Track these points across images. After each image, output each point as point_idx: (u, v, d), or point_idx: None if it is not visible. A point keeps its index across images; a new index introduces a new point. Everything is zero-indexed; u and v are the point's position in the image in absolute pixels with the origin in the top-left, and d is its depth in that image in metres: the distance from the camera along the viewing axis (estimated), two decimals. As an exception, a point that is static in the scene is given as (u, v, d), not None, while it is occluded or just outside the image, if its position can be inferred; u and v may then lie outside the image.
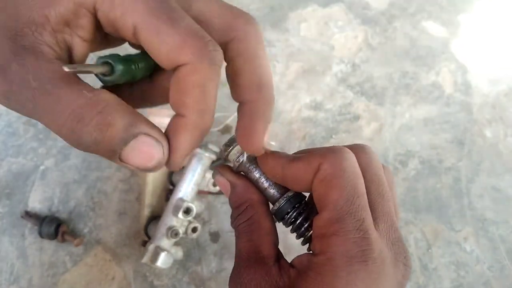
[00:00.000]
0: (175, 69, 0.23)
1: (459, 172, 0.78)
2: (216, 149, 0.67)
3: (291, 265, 0.28)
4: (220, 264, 0.71)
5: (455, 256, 0.72)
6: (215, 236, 0.72)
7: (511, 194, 0.77)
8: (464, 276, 0.71)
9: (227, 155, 0.31)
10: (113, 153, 0.22)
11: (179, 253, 0.67)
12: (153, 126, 0.24)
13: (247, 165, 0.31)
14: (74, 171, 0.76)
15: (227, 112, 0.78)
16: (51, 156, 0.77)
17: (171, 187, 0.70)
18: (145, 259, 0.63)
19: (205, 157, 0.66)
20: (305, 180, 0.27)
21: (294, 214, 0.29)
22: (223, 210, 0.74)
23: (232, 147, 0.31)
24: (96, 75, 0.25)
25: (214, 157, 0.67)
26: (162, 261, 0.63)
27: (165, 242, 0.64)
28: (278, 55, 0.87)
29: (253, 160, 0.31)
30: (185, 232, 0.65)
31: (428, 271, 0.71)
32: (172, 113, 0.28)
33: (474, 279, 0.70)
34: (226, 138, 0.65)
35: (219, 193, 0.73)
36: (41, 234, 0.68)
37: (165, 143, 0.24)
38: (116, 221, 0.73)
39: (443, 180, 0.77)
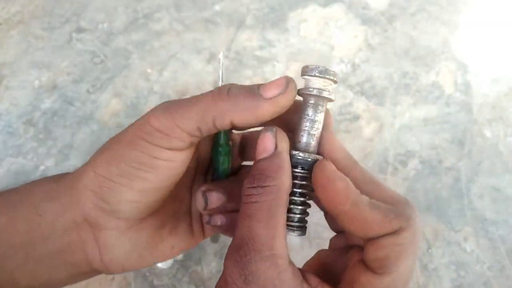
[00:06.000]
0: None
1: (459, 172, 0.78)
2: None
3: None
4: (220, 264, 0.71)
5: (455, 256, 0.72)
6: (215, 236, 0.72)
7: (511, 194, 0.77)
8: (464, 276, 0.71)
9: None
10: None
11: (179, 253, 0.67)
12: None
13: (313, 101, 0.30)
14: (74, 171, 0.76)
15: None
16: (51, 156, 0.77)
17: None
18: (145, 259, 0.63)
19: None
20: (368, 230, 0.26)
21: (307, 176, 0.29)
22: (223, 210, 0.74)
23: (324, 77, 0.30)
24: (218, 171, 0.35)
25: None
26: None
27: (165, 242, 0.64)
28: (278, 55, 0.87)
29: (322, 103, 0.30)
30: (185, 232, 0.65)
31: (428, 271, 0.71)
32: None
33: (474, 279, 0.70)
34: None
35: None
36: (41, 234, 0.68)
37: None
38: (116, 221, 0.73)
39: (443, 180, 0.77)
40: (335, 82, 0.31)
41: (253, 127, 0.31)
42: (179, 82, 0.84)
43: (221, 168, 0.35)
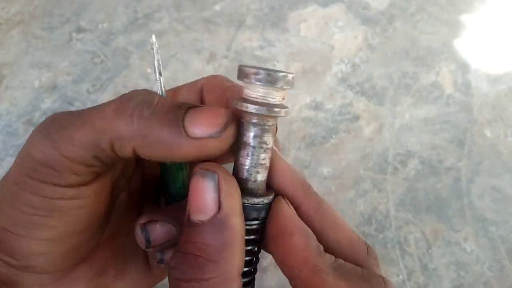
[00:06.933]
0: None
1: (459, 172, 0.78)
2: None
3: None
4: (220, 264, 0.71)
5: (455, 256, 0.72)
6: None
7: (511, 194, 0.77)
8: (464, 276, 0.71)
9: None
10: None
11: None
12: None
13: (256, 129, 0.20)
14: (74, 171, 0.76)
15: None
16: (51, 156, 0.77)
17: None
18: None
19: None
20: None
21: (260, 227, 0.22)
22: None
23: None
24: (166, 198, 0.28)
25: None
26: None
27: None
28: (278, 55, 0.87)
29: (268, 132, 0.20)
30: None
31: (428, 271, 0.71)
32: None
33: (474, 279, 0.70)
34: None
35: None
36: (41, 234, 0.68)
37: None
38: (116, 221, 0.73)
39: (443, 180, 0.77)
40: (289, 86, 0.20)
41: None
42: (179, 82, 0.84)
43: (173, 188, 0.26)
